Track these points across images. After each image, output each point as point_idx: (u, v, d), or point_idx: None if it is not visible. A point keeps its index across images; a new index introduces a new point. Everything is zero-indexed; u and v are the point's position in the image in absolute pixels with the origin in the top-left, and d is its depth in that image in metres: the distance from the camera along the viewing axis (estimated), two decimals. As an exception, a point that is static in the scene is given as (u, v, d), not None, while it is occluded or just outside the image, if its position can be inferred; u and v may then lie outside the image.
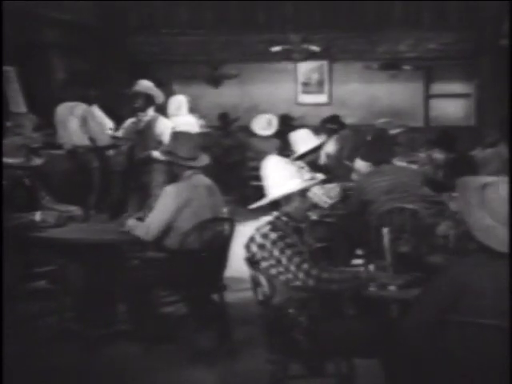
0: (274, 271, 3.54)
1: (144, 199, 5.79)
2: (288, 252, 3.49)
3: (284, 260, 3.50)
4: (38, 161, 5.41)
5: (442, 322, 2.83)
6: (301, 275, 3.46)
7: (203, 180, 4.98)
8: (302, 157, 6.49)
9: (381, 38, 11.92)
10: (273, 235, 3.53)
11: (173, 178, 4.91)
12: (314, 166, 6.37)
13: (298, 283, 3.48)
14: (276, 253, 3.51)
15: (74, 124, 7.08)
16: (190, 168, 4.86)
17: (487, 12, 11.32)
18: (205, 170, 5.10)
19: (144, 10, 12.13)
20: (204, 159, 4.97)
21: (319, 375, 3.64)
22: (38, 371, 4.45)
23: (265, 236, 3.54)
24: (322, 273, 3.45)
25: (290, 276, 3.50)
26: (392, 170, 5.72)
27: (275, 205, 3.69)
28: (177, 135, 5.18)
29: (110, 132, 7.52)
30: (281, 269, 3.52)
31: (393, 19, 11.75)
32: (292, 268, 3.48)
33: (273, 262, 3.53)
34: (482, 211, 2.86)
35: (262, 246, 3.55)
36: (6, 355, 3.90)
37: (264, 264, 3.56)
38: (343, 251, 5.53)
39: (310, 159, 6.55)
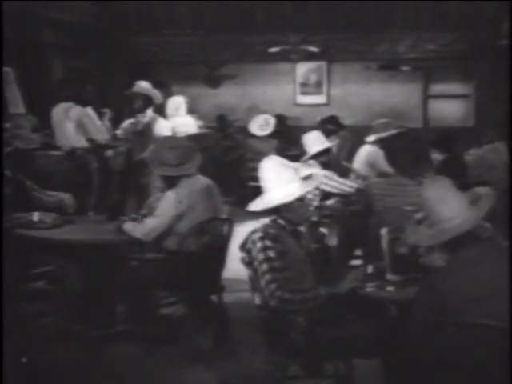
0: (253, 278, 3.58)
1: (143, 200, 5.79)
2: (264, 266, 3.49)
3: (259, 272, 3.51)
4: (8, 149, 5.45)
5: (438, 324, 2.85)
6: (266, 294, 3.48)
7: (202, 181, 4.97)
8: (313, 158, 6.52)
9: (380, 38, 11.91)
10: (259, 244, 3.53)
11: (169, 183, 4.89)
12: (328, 167, 6.41)
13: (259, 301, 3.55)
14: (256, 263, 3.53)
15: (69, 127, 7.08)
16: (179, 176, 4.82)
17: (486, 12, 11.31)
18: (203, 171, 5.09)
19: (143, 10, 12.12)
20: (195, 162, 4.89)
21: (317, 376, 3.65)
22: (38, 372, 4.45)
23: (253, 242, 3.56)
24: (284, 294, 3.44)
25: (258, 290, 3.54)
26: (405, 183, 5.43)
27: (274, 208, 3.68)
28: (161, 142, 5.09)
29: (107, 125, 7.50)
30: (255, 279, 3.56)
31: (392, 20, 11.73)
32: (262, 283, 3.50)
33: (253, 269, 3.57)
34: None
35: (249, 252, 3.58)
36: (5, 355, 3.90)
37: (249, 268, 3.60)
38: (341, 252, 5.52)
39: (323, 160, 6.56)
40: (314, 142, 6.58)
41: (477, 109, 12.29)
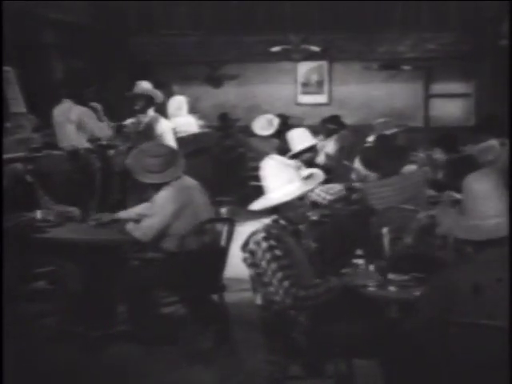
0: (261, 279, 3.55)
1: (143, 200, 5.79)
2: (273, 265, 3.48)
3: (269, 273, 3.49)
4: (38, 154, 5.44)
5: (442, 323, 2.84)
6: (280, 292, 3.45)
7: (190, 181, 4.99)
8: (297, 155, 6.50)
9: (380, 38, 11.92)
10: (264, 244, 3.51)
11: (156, 187, 4.87)
12: (311, 165, 6.37)
13: (277, 298, 3.49)
14: (263, 263, 3.51)
15: (70, 128, 7.08)
16: (156, 183, 4.81)
17: (487, 12, 11.32)
18: (203, 170, 5.08)
19: (144, 10, 12.13)
20: (177, 169, 4.88)
21: (318, 376, 3.64)
22: (38, 372, 4.45)
23: (257, 243, 3.54)
24: (299, 291, 3.43)
25: (272, 289, 3.50)
26: (399, 181, 5.50)
27: (274, 208, 3.67)
28: (145, 149, 5.06)
29: (106, 120, 7.51)
30: (266, 280, 3.52)
31: (392, 19, 11.74)
32: (274, 282, 3.47)
33: (260, 271, 3.54)
34: (460, 216, 2.89)
35: (253, 253, 3.55)
36: (5, 356, 3.90)
37: (254, 270, 3.57)
38: (341, 252, 5.52)
39: (307, 158, 6.54)
40: (298, 139, 6.57)
41: (477, 108, 12.29)
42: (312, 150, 6.66)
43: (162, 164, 4.82)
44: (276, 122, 10.45)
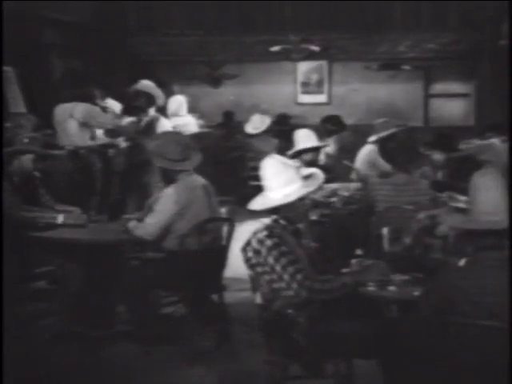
0: (267, 278, 3.54)
1: (144, 199, 5.79)
2: (283, 261, 3.47)
3: (278, 268, 3.48)
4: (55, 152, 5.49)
5: (441, 324, 2.84)
6: (294, 285, 3.44)
7: (199, 180, 4.97)
8: (298, 154, 6.50)
9: (380, 38, 11.92)
10: (268, 242, 3.51)
11: (168, 179, 4.89)
12: (313, 166, 6.34)
13: (290, 293, 3.48)
14: (270, 260, 3.50)
15: (73, 125, 7.07)
16: (182, 171, 4.82)
17: (487, 12, 11.31)
18: (203, 170, 5.09)
19: (144, 10, 12.12)
20: (195, 160, 4.90)
21: (318, 376, 3.64)
22: (38, 372, 4.45)
23: (260, 242, 3.53)
24: (315, 284, 3.44)
25: (283, 285, 3.49)
26: (406, 184, 5.47)
27: (274, 208, 3.67)
28: (165, 136, 5.11)
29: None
30: (274, 276, 3.51)
31: (392, 19, 11.72)
32: (286, 277, 3.46)
33: (267, 268, 3.52)
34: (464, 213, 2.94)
35: (257, 252, 3.54)
36: (5, 356, 3.90)
37: (259, 269, 3.56)
38: (341, 251, 5.52)
39: (309, 158, 6.53)
40: (304, 138, 6.57)
41: (477, 108, 12.29)
42: (315, 150, 6.65)
43: (179, 153, 4.80)
44: (267, 120, 10.44)
